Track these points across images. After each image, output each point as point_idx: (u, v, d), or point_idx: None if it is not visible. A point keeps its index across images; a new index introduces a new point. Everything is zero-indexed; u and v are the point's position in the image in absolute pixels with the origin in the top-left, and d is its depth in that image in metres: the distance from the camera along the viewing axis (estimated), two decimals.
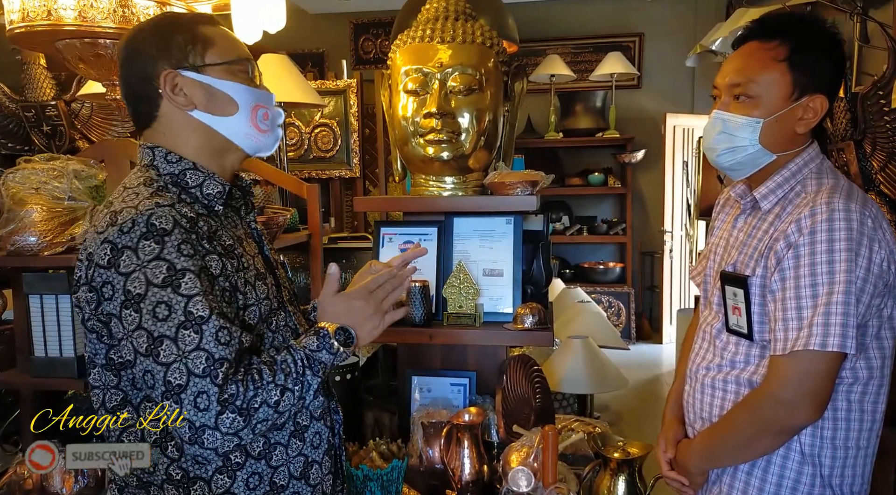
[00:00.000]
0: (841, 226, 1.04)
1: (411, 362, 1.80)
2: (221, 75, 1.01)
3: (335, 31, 5.59)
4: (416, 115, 1.65)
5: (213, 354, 0.87)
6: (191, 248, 0.90)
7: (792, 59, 1.10)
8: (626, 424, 3.57)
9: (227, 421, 0.86)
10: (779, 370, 1.08)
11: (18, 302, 1.74)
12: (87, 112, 2.57)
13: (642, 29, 5.33)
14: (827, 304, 1.03)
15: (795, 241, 1.06)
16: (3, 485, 1.59)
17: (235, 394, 0.87)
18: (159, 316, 0.86)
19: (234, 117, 1.02)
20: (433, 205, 1.73)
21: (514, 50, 2.87)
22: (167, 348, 0.86)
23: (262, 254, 1.10)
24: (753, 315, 1.13)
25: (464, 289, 1.64)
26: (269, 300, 1.03)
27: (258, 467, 0.98)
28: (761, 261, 1.12)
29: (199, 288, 0.88)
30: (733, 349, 1.19)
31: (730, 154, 1.16)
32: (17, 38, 1.56)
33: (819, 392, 1.06)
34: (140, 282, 0.87)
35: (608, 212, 5.54)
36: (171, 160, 1.00)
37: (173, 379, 0.86)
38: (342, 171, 3.83)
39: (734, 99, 1.14)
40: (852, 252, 1.03)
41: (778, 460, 1.14)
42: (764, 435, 1.11)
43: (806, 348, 1.03)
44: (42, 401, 1.81)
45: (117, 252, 0.88)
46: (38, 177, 1.61)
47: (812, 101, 1.11)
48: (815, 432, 1.11)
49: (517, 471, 1.36)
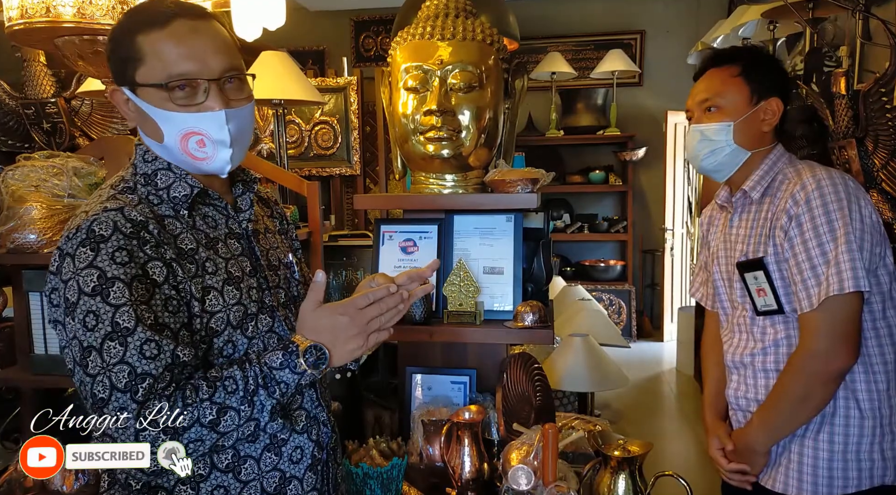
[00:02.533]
0: (830, 190, 1.23)
1: (411, 360, 1.79)
2: (152, 99, 0.92)
3: (336, 29, 5.58)
4: (417, 112, 1.64)
5: (136, 368, 0.82)
6: (126, 255, 0.85)
7: (745, 73, 1.35)
8: (626, 422, 3.57)
9: (149, 439, 0.81)
10: (810, 324, 1.23)
11: (18, 299, 1.74)
12: (87, 109, 2.57)
13: (644, 26, 5.32)
14: (836, 256, 1.19)
15: (795, 213, 1.24)
16: (4, 483, 1.59)
17: (158, 411, 0.81)
18: (88, 325, 0.83)
19: (163, 145, 0.95)
20: (433, 202, 1.73)
21: (515, 47, 2.86)
22: (94, 359, 0.82)
23: (252, 255, 1.03)
24: (778, 289, 1.28)
25: (464, 287, 1.64)
26: (242, 305, 0.96)
27: (224, 480, 0.93)
28: (770, 241, 1.29)
29: (128, 297, 0.83)
30: (771, 331, 1.32)
31: (711, 157, 1.37)
32: (15, 35, 1.56)
33: (849, 333, 1.21)
34: (73, 291, 0.84)
35: (609, 210, 5.54)
36: (148, 159, 0.98)
37: (97, 392, 0.82)
38: (342, 169, 3.83)
39: (705, 112, 1.37)
40: (845, 209, 1.21)
41: (840, 420, 1.26)
42: (814, 389, 1.24)
43: (827, 296, 1.19)
44: (42, 399, 1.81)
45: (62, 258, 0.86)
46: (37, 175, 1.61)
47: (769, 104, 1.35)
48: (870, 387, 1.25)
49: (517, 469, 1.36)
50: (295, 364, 0.89)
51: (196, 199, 0.99)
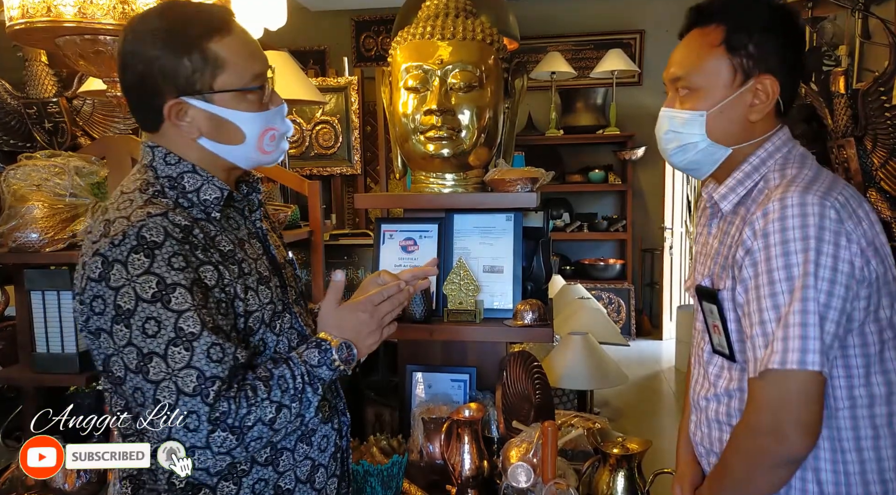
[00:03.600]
0: (794, 223, 0.91)
1: (412, 358, 1.80)
2: (230, 103, 0.94)
3: (336, 29, 5.59)
4: (417, 112, 1.65)
5: (205, 372, 0.83)
6: (182, 261, 0.86)
7: (728, 41, 1.00)
8: (625, 420, 3.58)
9: (219, 440, 0.83)
10: (753, 395, 0.95)
11: (20, 298, 1.75)
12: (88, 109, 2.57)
13: (643, 26, 5.32)
14: (786, 316, 0.90)
15: (751, 247, 0.95)
16: (6, 481, 1.60)
17: (227, 412, 0.84)
18: (149, 332, 0.83)
19: (240, 146, 0.97)
20: (434, 201, 1.73)
21: (515, 47, 2.87)
22: (156, 365, 0.83)
23: (268, 254, 1.06)
24: (731, 333, 1.01)
25: (464, 286, 1.65)
26: (273, 304, 0.99)
27: (265, 473, 0.96)
28: (730, 271, 1.00)
29: (191, 302, 0.85)
30: (727, 375, 1.05)
31: (680, 153, 1.07)
32: (16, 35, 1.56)
33: (802, 416, 0.91)
34: (130, 298, 0.84)
35: (608, 209, 5.54)
36: (170, 161, 0.96)
37: (162, 398, 0.83)
38: (343, 168, 3.83)
39: (677, 92, 1.06)
40: (810, 252, 0.90)
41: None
42: (757, 472, 0.96)
43: (769, 367, 0.90)
44: (44, 397, 1.82)
45: (108, 265, 0.85)
46: (39, 174, 1.62)
47: (760, 83, 1.00)
48: (836, 468, 0.96)
49: (517, 467, 1.37)
50: (330, 361, 0.94)
51: (224, 202, 1.00)
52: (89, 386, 1.75)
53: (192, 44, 0.91)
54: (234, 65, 0.93)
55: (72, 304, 0.98)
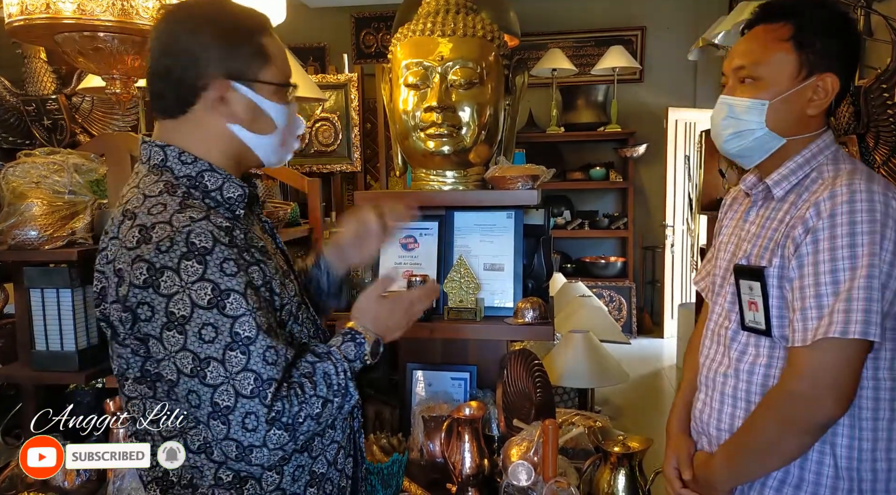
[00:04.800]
0: (863, 207, 0.99)
1: (412, 356, 1.80)
2: (269, 95, 0.98)
3: (336, 25, 5.57)
4: (417, 109, 1.64)
5: (262, 375, 0.86)
6: (234, 266, 0.88)
7: (797, 38, 1.06)
8: (626, 418, 3.58)
9: (275, 438, 0.87)
10: (797, 362, 1.02)
11: (19, 296, 1.75)
12: (87, 106, 2.56)
13: (644, 22, 5.31)
14: (849, 290, 0.97)
15: (814, 226, 1.01)
16: (6, 478, 1.59)
17: (282, 411, 0.87)
18: (205, 338, 0.85)
19: (269, 137, 1.01)
20: (434, 199, 1.73)
21: (516, 44, 2.86)
22: (214, 370, 0.85)
23: (279, 248, 1.09)
24: (772, 309, 1.07)
25: (464, 284, 1.64)
26: (299, 296, 1.04)
27: (301, 460, 0.99)
28: (778, 250, 1.07)
29: (246, 306, 0.87)
30: (753, 351, 1.11)
31: (736, 139, 1.13)
32: (16, 32, 1.55)
33: (842, 384, 0.99)
34: (185, 305, 0.85)
35: (609, 207, 5.54)
36: (186, 161, 0.95)
37: (221, 401, 0.85)
38: (343, 166, 3.82)
39: (740, 82, 1.11)
40: (876, 235, 0.97)
41: (811, 476, 1.06)
42: (788, 436, 1.03)
43: (826, 337, 0.97)
44: (44, 395, 1.81)
45: (156, 272, 0.85)
46: (38, 171, 1.61)
47: (821, 81, 1.07)
48: (852, 443, 1.04)
49: (517, 465, 1.36)
50: (363, 355, 1.00)
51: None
52: (89, 384, 1.74)
53: (247, 35, 0.97)
54: (276, 61, 0.99)
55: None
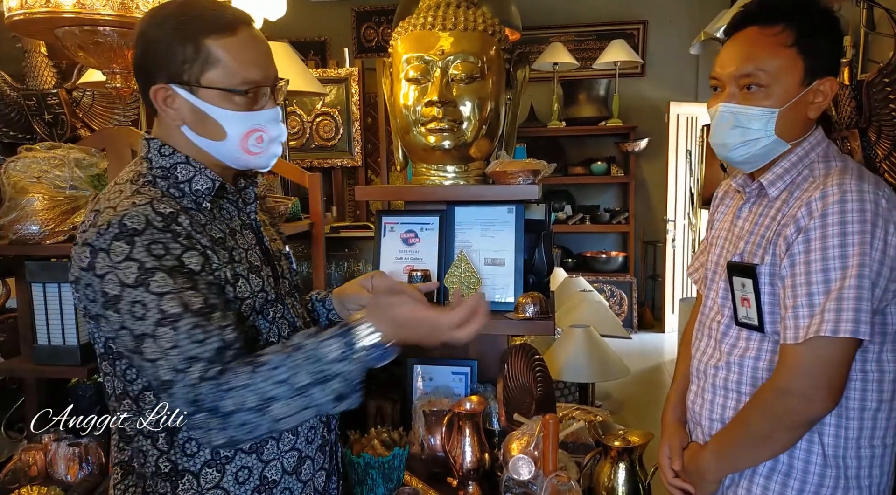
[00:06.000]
0: (853, 207, 1.00)
1: (413, 351, 1.80)
2: (214, 100, 0.95)
3: (337, 19, 5.56)
4: (418, 103, 1.64)
5: (188, 352, 0.85)
6: (161, 248, 0.88)
7: (800, 44, 1.06)
8: (627, 413, 3.59)
9: (199, 419, 0.85)
10: (790, 359, 1.04)
11: (21, 290, 1.75)
12: (88, 100, 2.56)
13: (646, 16, 5.29)
14: (839, 289, 0.99)
15: (806, 225, 1.03)
16: (9, 472, 1.60)
17: (206, 395, 0.84)
18: (136, 315, 0.86)
19: (221, 142, 0.98)
20: (435, 194, 1.72)
21: (517, 37, 2.85)
22: (150, 346, 0.86)
23: (261, 245, 1.08)
24: (764, 305, 1.09)
25: (465, 279, 1.64)
26: (265, 292, 1.02)
27: (248, 461, 0.97)
28: (770, 248, 1.09)
29: (172, 285, 0.87)
30: (743, 345, 1.14)
31: (744, 148, 1.11)
32: (15, 26, 1.55)
33: (833, 381, 1.02)
34: (115, 284, 0.87)
35: (611, 202, 5.53)
36: (165, 153, 0.99)
37: (161, 375, 0.86)
38: (344, 160, 3.82)
39: (743, 89, 1.09)
40: (866, 234, 0.99)
41: (799, 464, 1.09)
42: (779, 431, 1.07)
43: (817, 335, 1.00)
44: (46, 389, 1.82)
45: (94, 254, 0.88)
46: (39, 166, 1.61)
47: (822, 85, 1.08)
48: (838, 432, 1.08)
49: (518, 459, 1.37)
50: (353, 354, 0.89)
51: (216, 192, 1.01)
52: (90, 378, 1.75)
53: (189, 35, 0.93)
54: (225, 65, 0.94)
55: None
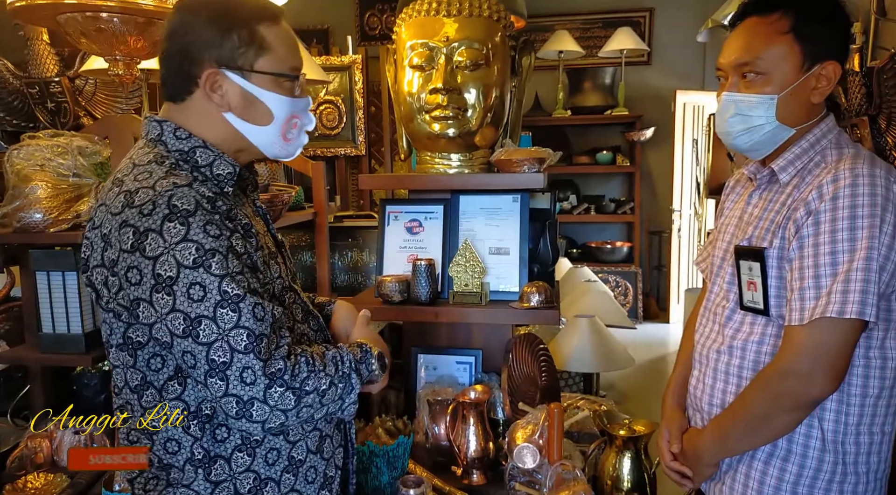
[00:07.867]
0: (865, 191, 1.01)
1: (417, 340, 1.80)
2: (266, 85, 0.98)
3: (340, 7, 5.52)
4: (422, 90, 1.62)
5: (254, 330, 0.87)
6: (216, 229, 0.89)
7: (797, 30, 1.08)
8: (632, 403, 3.58)
9: (276, 395, 0.88)
10: (794, 341, 1.04)
11: (26, 278, 1.75)
12: (90, 88, 2.54)
13: (652, 3, 5.23)
14: (847, 272, 0.99)
15: (816, 208, 1.04)
16: (15, 459, 1.61)
17: (283, 370, 0.88)
18: (194, 297, 0.86)
19: (266, 128, 1.00)
20: (439, 182, 1.71)
21: (522, 25, 2.82)
22: (207, 327, 0.86)
23: (270, 232, 1.10)
24: (770, 288, 1.10)
25: (470, 268, 1.63)
26: (282, 278, 1.04)
27: (276, 443, 0.99)
28: (779, 232, 1.09)
29: (229, 267, 0.88)
30: (747, 329, 1.14)
31: (747, 135, 1.14)
32: (18, 12, 1.54)
33: (835, 363, 1.03)
34: (171, 265, 0.86)
35: (616, 191, 5.50)
36: (181, 136, 0.98)
37: (217, 357, 0.86)
38: (347, 149, 3.80)
39: (742, 78, 1.12)
40: (876, 218, 1.00)
41: (798, 449, 1.10)
42: (779, 412, 1.07)
43: (823, 316, 1.00)
44: (51, 377, 1.83)
45: (140, 235, 0.87)
46: (42, 154, 1.61)
47: (824, 69, 1.09)
48: (839, 418, 1.08)
49: (523, 448, 1.37)
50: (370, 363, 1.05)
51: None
52: (95, 366, 1.75)
53: (242, 22, 0.96)
54: (276, 51, 0.98)
55: (83, 280, 0.99)
